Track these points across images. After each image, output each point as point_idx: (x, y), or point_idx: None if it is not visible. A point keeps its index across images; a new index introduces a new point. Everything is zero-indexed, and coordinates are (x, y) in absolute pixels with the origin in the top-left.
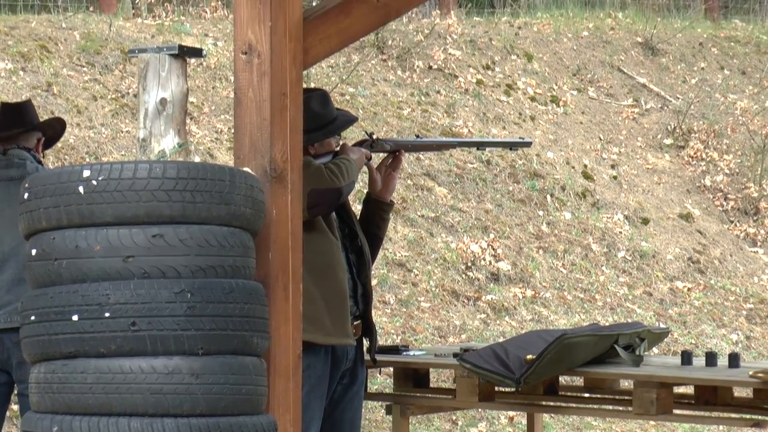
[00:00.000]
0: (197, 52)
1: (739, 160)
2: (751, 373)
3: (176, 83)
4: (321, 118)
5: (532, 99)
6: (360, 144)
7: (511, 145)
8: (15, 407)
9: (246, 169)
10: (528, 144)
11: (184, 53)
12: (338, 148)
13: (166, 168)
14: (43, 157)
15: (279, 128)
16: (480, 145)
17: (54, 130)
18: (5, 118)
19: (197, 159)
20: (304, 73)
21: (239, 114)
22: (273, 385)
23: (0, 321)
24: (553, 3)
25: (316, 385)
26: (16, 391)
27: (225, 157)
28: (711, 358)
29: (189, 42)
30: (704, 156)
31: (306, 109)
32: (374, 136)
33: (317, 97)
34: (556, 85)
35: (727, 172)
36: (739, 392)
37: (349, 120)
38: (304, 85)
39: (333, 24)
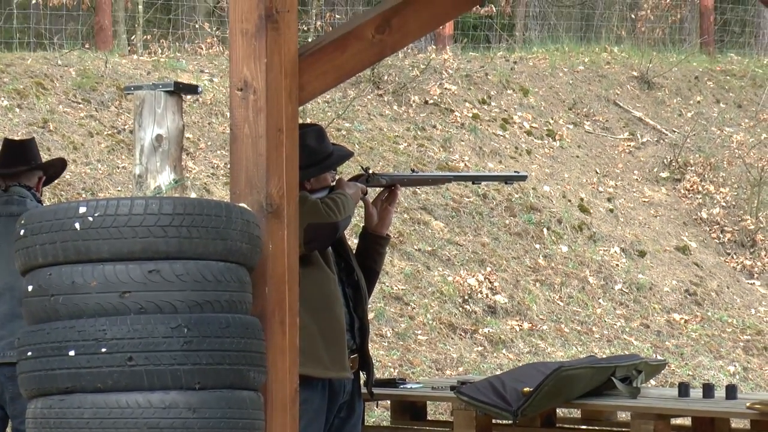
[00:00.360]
0: (193, 89)
1: (736, 193)
2: (748, 404)
3: (172, 120)
4: (317, 153)
5: (528, 133)
6: (356, 179)
7: (507, 179)
8: None
9: (242, 204)
10: (523, 178)
11: (179, 90)
12: (334, 183)
13: (162, 204)
14: (41, 194)
15: (275, 164)
16: (476, 180)
17: (55, 169)
18: (9, 155)
19: (193, 195)
20: (300, 108)
21: (235, 150)
22: (270, 419)
23: None
24: (549, 38)
25: (314, 418)
26: (10, 426)
27: (221, 193)
28: (708, 390)
29: (185, 78)
30: (701, 189)
31: (302, 145)
32: (370, 171)
33: (313, 132)
34: (552, 119)
35: (724, 204)
36: (737, 423)
37: (345, 155)
38: (300, 121)
39: (328, 60)
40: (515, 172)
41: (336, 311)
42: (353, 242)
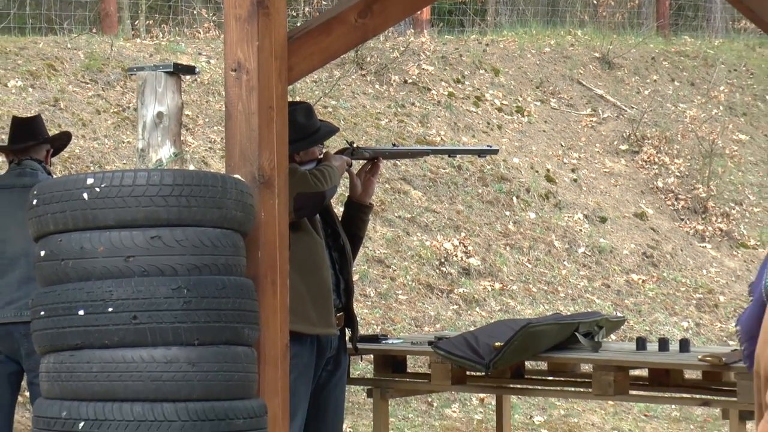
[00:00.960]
0: (190, 70)
1: (689, 164)
2: (700, 357)
3: (171, 98)
4: (305, 128)
5: (499, 110)
6: (341, 152)
7: (480, 153)
8: (27, 394)
9: (236, 176)
10: (495, 151)
11: (178, 71)
12: (321, 156)
13: (163, 176)
14: (50, 165)
15: (266, 138)
16: (451, 153)
17: (61, 141)
18: (18, 132)
19: (192, 167)
20: (290, 87)
21: (230, 126)
22: (263, 372)
23: (9, 315)
24: (518, 21)
25: (303, 372)
26: (25, 380)
27: (218, 165)
28: (663, 344)
29: (184, 60)
30: (657, 160)
31: (291, 121)
32: (354, 145)
33: (302, 109)
34: (521, 96)
35: (678, 174)
36: (690, 374)
37: (331, 130)
38: (290, 99)
39: (315, 43)
40: (488, 146)
41: (323, 273)
42: (339, 210)
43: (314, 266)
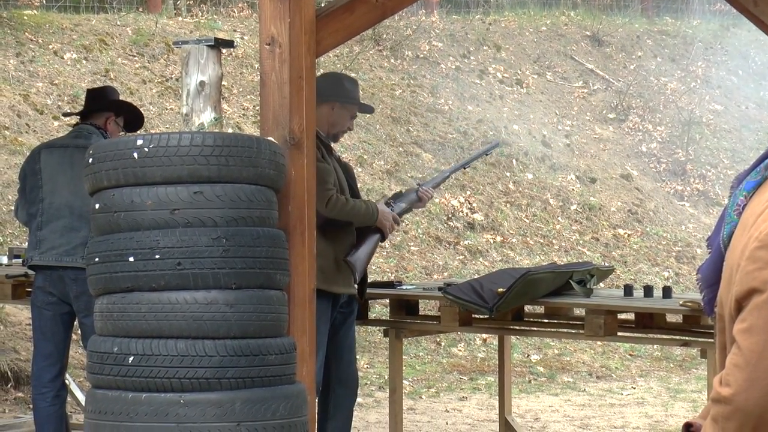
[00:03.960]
0: (229, 43)
1: (670, 131)
2: (681, 302)
3: (213, 69)
4: (348, 91)
5: (501, 82)
6: (405, 202)
7: (487, 152)
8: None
9: (270, 138)
10: (497, 145)
11: (218, 44)
12: (349, 129)
13: (204, 137)
14: (114, 132)
15: (296, 105)
16: (466, 165)
17: (129, 112)
18: (87, 101)
19: (230, 130)
20: (316, 60)
21: (264, 94)
22: (292, 313)
23: (51, 260)
24: (518, 3)
25: (323, 316)
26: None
27: (251, 130)
28: (648, 291)
29: (221, 36)
30: (641, 127)
31: (338, 82)
32: (420, 189)
33: (350, 79)
34: (520, 70)
35: (660, 140)
36: (671, 318)
37: (368, 107)
38: (317, 71)
39: (340, 20)
40: (491, 143)
41: (350, 239)
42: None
43: (343, 233)
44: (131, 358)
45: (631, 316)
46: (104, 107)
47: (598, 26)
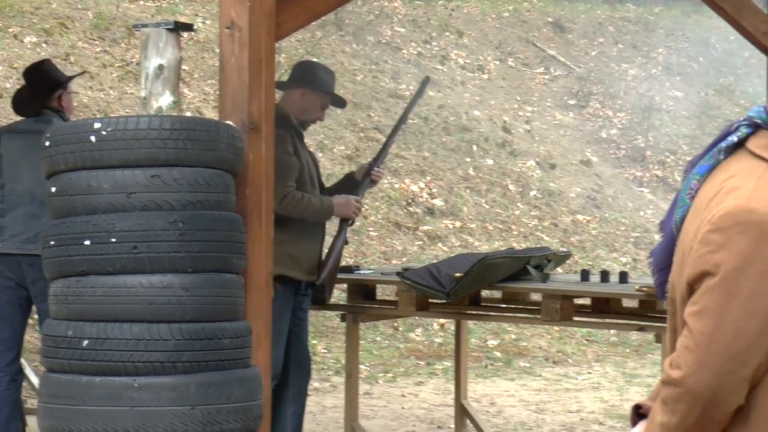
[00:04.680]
0: (189, 27)
1: (630, 117)
2: (636, 287)
3: (171, 52)
4: (322, 80)
5: (463, 68)
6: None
7: (420, 94)
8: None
9: (228, 122)
10: (427, 81)
11: (178, 28)
12: (318, 119)
13: (162, 121)
14: (68, 110)
15: (256, 89)
16: (403, 121)
17: (67, 79)
18: (30, 84)
19: (188, 114)
20: (277, 45)
21: (223, 78)
22: (248, 297)
23: (14, 247)
24: None
25: (285, 303)
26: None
27: (211, 114)
28: (605, 276)
29: (182, 20)
30: (601, 114)
31: (313, 69)
32: (373, 172)
33: (327, 69)
34: (482, 56)
35: (620, 127)
36: (627, 303)
37: (340, 99)
38: (278, 56)
39: (300, 4)
40: (420, 84)
41: (319, 229)
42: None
43: (314, 226)
44: (86, 342)
45: (587, 302)
46: (52, 86)
47: (560, 13)
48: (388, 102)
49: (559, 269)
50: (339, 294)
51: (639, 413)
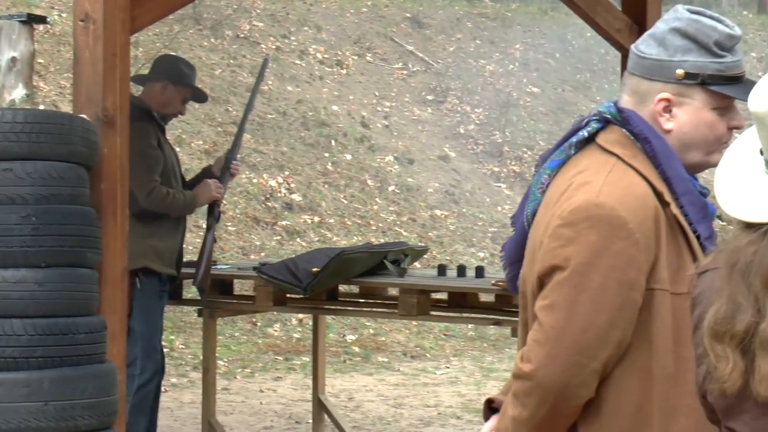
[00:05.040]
0: (42, 19)
1: (488, 113)
2: (493, 282)
3: (24, 45)
4: (183, 73)
5: (321, 63)
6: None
7: (262, 75)
8: None
9: (83, 115)
10: (267, 61)
11: (31, 20)
12: (179, 114)
13: (15, 114)
14: None
15: (110, 82)
16: (251, 107)
17: None
18: None
19: (42, 107)
20: (134, 39)
21: (77, 71)
22: (103, 292)
23: None
24: None
25: (157, 296)
26: None
27: (67, 108)
28: (461, 270)
29: (38, 12)
30: (459, 109)
31: (174, 63)
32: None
33: (188, 64)
34: (341, 51)
35: (478, 122)
36: (484, 297)
37: (203, 94)
38: (134, 50)
39: None
40: (261, 64)
41: (179, 222)
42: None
43: (176, 220)
44: None
45: (445, 296)
46: None
47: (418, 8)
48: (246, 96)
49: (416, 264)
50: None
51: (491, 407)
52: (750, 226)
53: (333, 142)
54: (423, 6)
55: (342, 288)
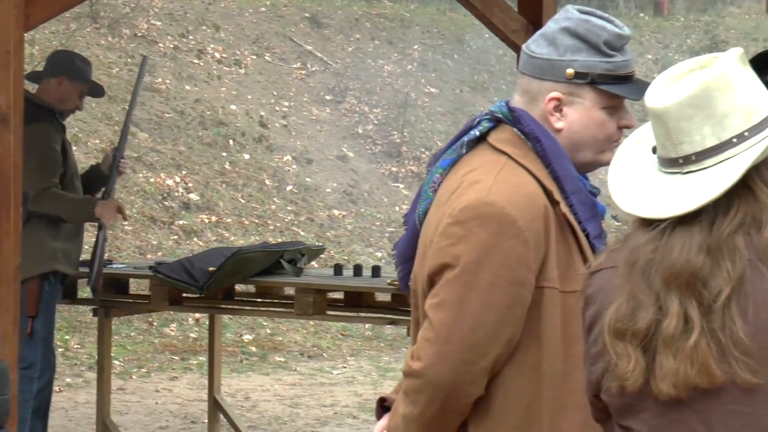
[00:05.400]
0: None
1: (386, 113)
2: (389, 281)
3: None
4: (79, 69)
5: (219, 62)
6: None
7: (142, 75)
8: None
9: None
10: (145, 60)
11: None
12: (76, 110)
13: None
14: None
15: (4, 81)
16: (133, 105)
17: None
18: None
19: None
20: (29, 37)
21: None
22: None
23: None
24: None
25: (56, 296)
26: None
27: None
28: (357, 270)
29: None
30: (358, 109)
31: (70, 59)
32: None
33: (83, 58)
34: (239, 51)
35: (376, 122)
36: (381, 297)
37: (99, 88)
38: (29, 48)
39: None
40: (139, 66)
41: (80, 225)
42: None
43: (79, 226)
44: None
45: (341, 296)
46: None
47: (317, 8)
48: (144, 96)
49: (314, 264)
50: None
51: (384, 406)
52: (647, 224)
53: (231, 141)
54: (322, 6)
55: (239, 287)
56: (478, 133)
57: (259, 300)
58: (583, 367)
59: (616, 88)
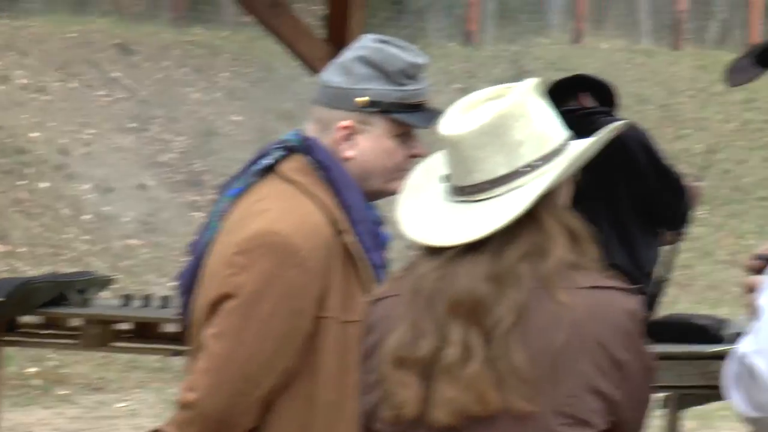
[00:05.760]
0: None
1: (190, 141)
2: (176, 312)
3: None
4: None
5: (24, 88)
6: None
7: None
8: None
9: None
10: None
11: None
12: None
13: None
14: None
15: None
16: None
17: None
18: None
19: None
20: None
21: None
22: None
23: None
24: (47, 8)
25: None
26: None
27: None
28: (146, 300)
29: None
30: (161, 137)
31: None
32: None
33: None
34: (44, 77)
35: (180, 151)
36: (170, 328)
37: None
38: None
39: None
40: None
41: None
42: None
43: None
44: None
45: (132, 326)
46: None
47: (127, 35)
48: None
49: (106, 294)
50: None
51: None
52: (434, 252)
53: (31, 169)
54: (131, 33)
55: (26, 319)
56: (269, 161)
57: (45, 332)
58: (357, 397)
59: (407, 116)
